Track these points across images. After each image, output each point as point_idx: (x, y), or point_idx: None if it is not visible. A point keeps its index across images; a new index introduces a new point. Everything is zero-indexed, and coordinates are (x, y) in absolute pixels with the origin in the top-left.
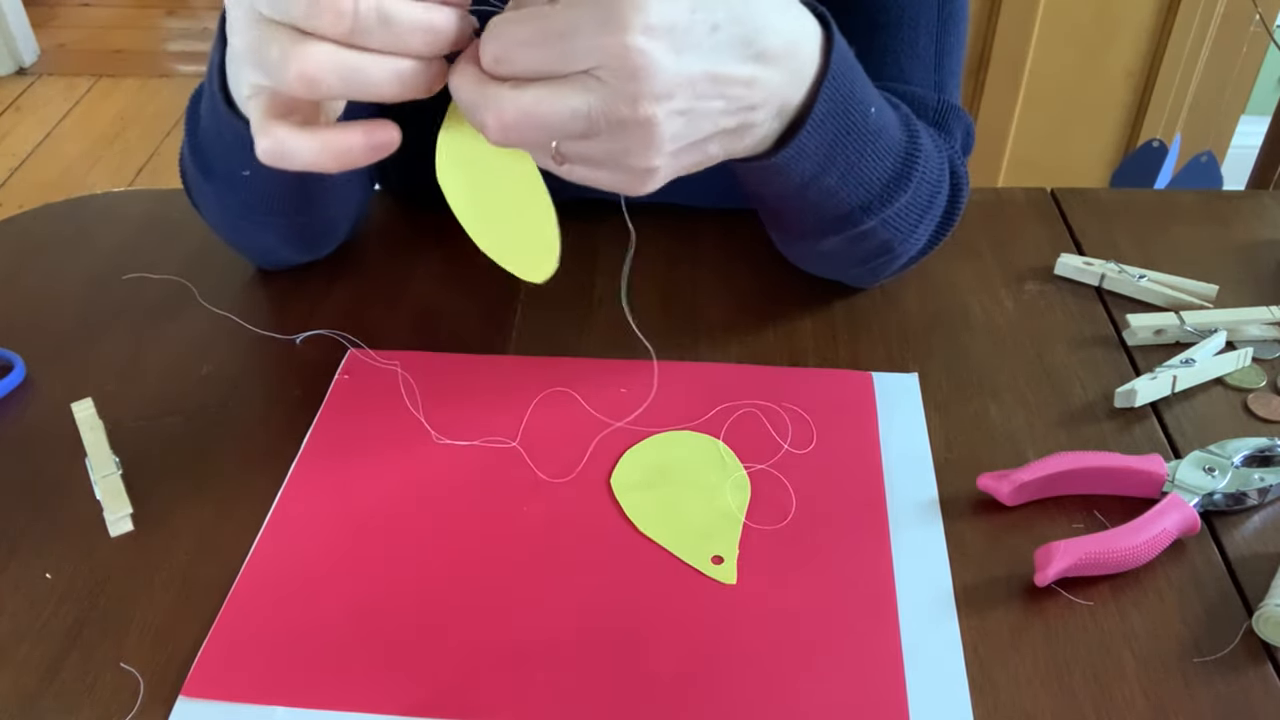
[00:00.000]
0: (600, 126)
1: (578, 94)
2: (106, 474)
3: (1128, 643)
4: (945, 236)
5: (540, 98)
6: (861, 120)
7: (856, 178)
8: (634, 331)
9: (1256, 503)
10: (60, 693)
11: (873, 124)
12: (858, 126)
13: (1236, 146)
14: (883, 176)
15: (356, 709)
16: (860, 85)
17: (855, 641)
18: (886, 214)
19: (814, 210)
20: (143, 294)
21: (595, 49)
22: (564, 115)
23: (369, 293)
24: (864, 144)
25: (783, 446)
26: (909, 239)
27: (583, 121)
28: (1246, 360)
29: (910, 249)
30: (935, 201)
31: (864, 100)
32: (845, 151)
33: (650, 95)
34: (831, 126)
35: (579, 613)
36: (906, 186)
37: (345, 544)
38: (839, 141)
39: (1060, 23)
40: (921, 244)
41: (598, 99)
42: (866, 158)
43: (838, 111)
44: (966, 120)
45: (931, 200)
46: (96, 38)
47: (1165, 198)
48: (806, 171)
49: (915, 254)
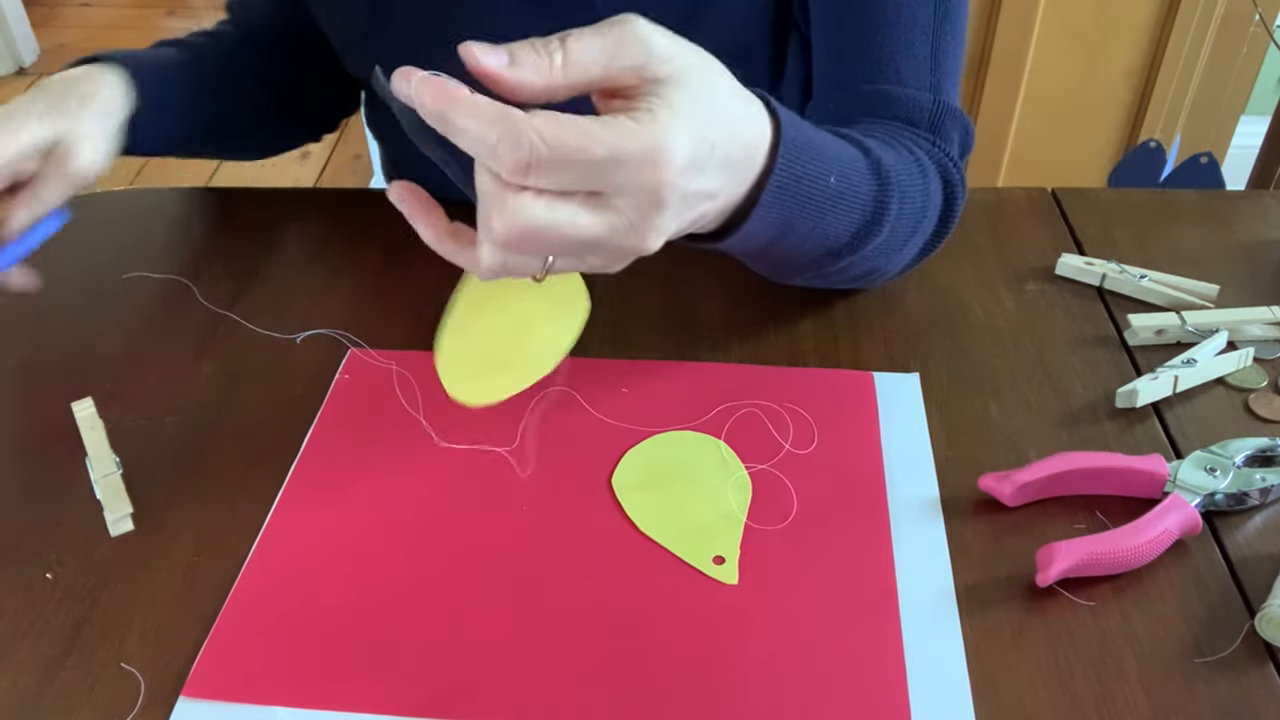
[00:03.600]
0: (605, 250)
1: (595, 217)
2: (106, 474)
3: (1129, 643)
4: (941, 243)
5: (556, 213)
6: (819, 193)
7: (819, 236)
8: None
9: (1258, 503)
10: (60, 693)
11: (832, 191)
12: (814, 199)
13: (1236, 146)
14: (850, 229)
15: (356, 709)
16: (815, 162)
17: (857, 642)
18: (859, 254)
19: (779, 261)
20: (143, 294)
21: (632, 183)
22: (577, 238)
23: (369, 293)
24: (823, 210)
25: (784, 446)
26: (893, 260)
27: (590, 245)
28: (1248, 360)
29: (898, 264)
30: (921, 226)
31: (820, 174)
32: (802, 221)
33: (663, 229)
34: (779, 210)
35: (580, 613)
36: (879, 230)
37: (345, 544)
38: (792, 217)
39: (1060, 23)
40: (911, 257)
41: (615, 227)
42: (828, 220)
43: (785, 198)
44: (965, 121)
45: (916, 226)
46: (96, 38)
47: (1166, 198)
48: (757, 244)
49: (908, 264)
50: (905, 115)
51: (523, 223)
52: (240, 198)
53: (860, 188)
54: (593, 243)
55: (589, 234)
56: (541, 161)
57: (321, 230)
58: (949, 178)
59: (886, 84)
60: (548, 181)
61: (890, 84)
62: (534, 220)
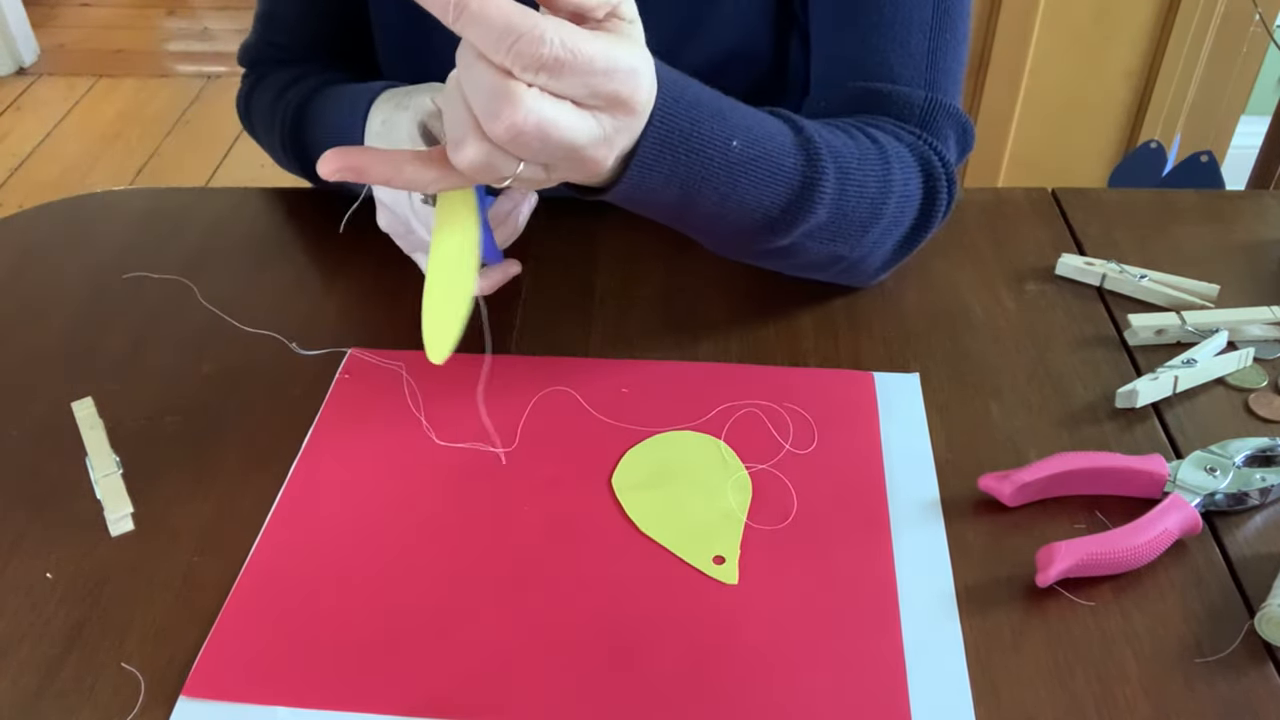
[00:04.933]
0: (575, 160)
1: (585, 124)
2: (106, 474)
3: (1129, 643)
4: (927, 235)
5: (560, 113)
6: (718, 155)
7: (737, 205)
8: (634, 331)
9: (1258, 503)
10: (60, 693)
11: (736, 156)
12: (713, 161)
13: (1236, 146)
14: (776, 202)
15: (356, 709)
16: (707, 122)
17: (857, 642)
18: (800, 233)
19: (713, 230)
20: (143, 294)
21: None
22: (568, 142)
23: (369, 293)
24: (733, 175)
25: (784, 446)
26: (857, 248)
27: (571, 151)
28: (1248, 360)
29: (871, 255)
30: (882, 214)
31: (719, 136)
32: (708, 184)
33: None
34: (668, 166)
35: (580, 613)
36: (813, 209)
37: (345, 544)
38: (690, 177)
39: (1060, 23)
40: (889, 249)
41: (594, 138)
42: (741, 188)
43: (671, 152)
44: (963, 121)
45: (875, 213)
46: (96, 38)
47: (1166, 198)
48: (660, 202)
49: (889, 258)
50: (895, 112)
51: (535, 118)
52: (240, 198)
53: (779, 159)
54: (574, 149)
55: (579, 139)
56: (558, 63)
57: (321, 230)
58: (931, 171)
59: (879, 82)
60: (555, 83)
61: (883, 82)
62: (544, 115)
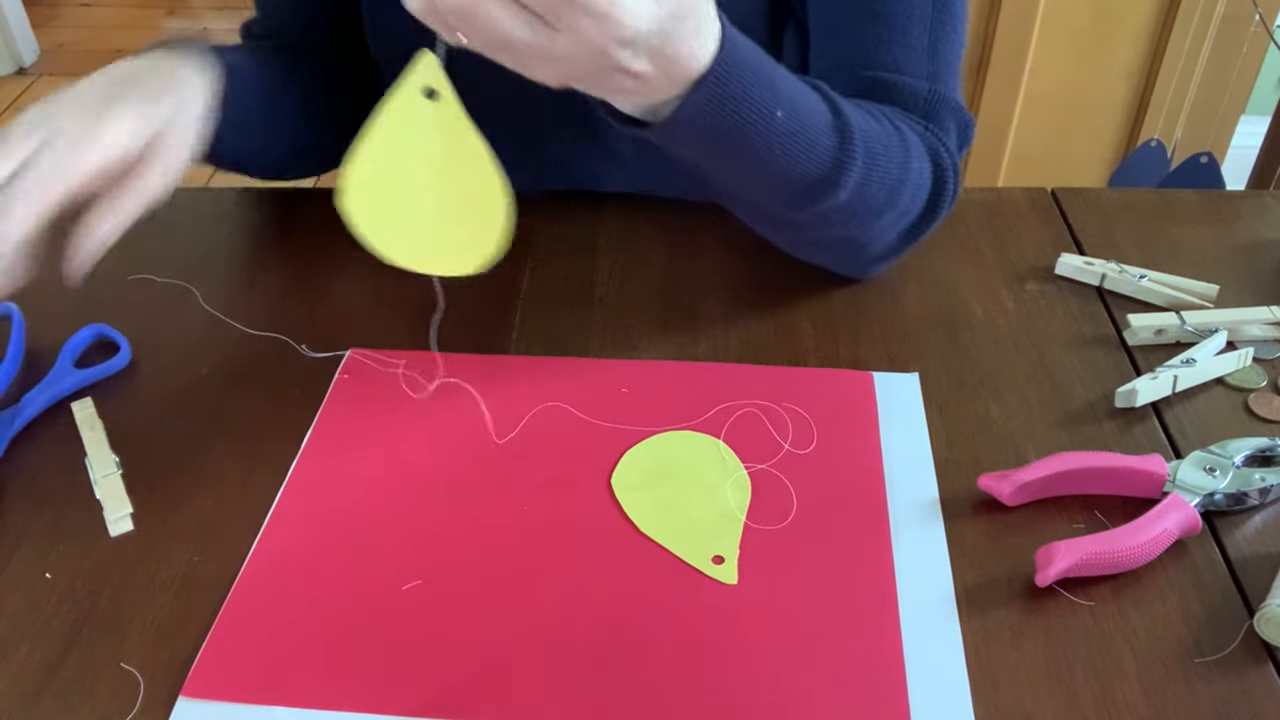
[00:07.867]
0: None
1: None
2: (106, 474)
3: (1129, 643)
4: (931, 226)
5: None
6: (762, 122)
7: (767, 173)
8: (633, 331)
9: (1257, 503)
10: (60, 693)
11: (780, 127)
12: (756, 127)
13: (1236, 146)
14: (805, 177)
15: (356, 709)
16: (758, 89)
17: (856, 641)
18: (820, 210)
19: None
20: (143, 294)
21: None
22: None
23: (368, 293)
24: (770, 145)
25: (783, 446)
26: (868, 231)
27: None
28: (1247, 360)
29: (877, 240)
30: (898, 200)
31: (765, 104)
32: (745, 147)
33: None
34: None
35: (580, 613)
36: (838, 188)
37: (345, 544)
38: (729, 137)
39: (1060, 23)
40: (894, 237)
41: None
42: (776, 157)
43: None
44: (963, 115)
45: (892, 199)
46: (96, 38)
47: (1165, 198)
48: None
49: (892, 247)
50: (900, 102)
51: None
52: (240, 198)
53: (816, 137)
54: (507, 46)
55: (512, 39)
56: None
57: (321, 230)
58: (939, 162)
59: (882, 71)
60: None
61: (886, 71)
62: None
